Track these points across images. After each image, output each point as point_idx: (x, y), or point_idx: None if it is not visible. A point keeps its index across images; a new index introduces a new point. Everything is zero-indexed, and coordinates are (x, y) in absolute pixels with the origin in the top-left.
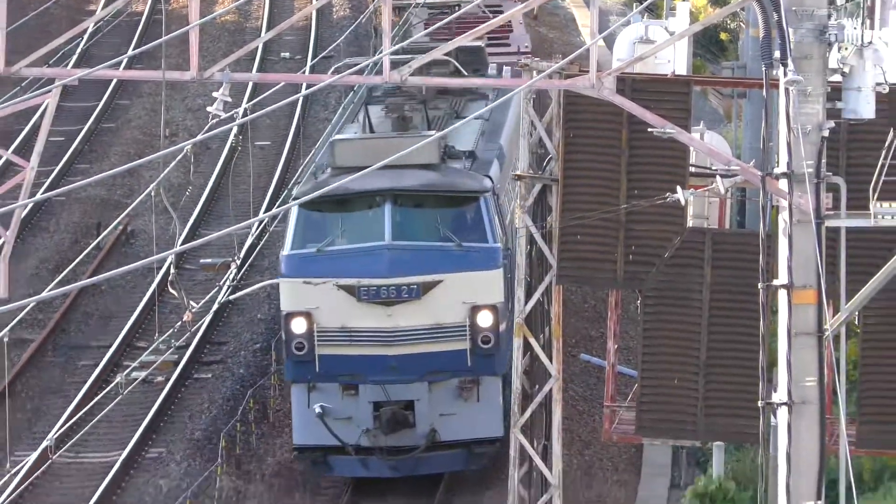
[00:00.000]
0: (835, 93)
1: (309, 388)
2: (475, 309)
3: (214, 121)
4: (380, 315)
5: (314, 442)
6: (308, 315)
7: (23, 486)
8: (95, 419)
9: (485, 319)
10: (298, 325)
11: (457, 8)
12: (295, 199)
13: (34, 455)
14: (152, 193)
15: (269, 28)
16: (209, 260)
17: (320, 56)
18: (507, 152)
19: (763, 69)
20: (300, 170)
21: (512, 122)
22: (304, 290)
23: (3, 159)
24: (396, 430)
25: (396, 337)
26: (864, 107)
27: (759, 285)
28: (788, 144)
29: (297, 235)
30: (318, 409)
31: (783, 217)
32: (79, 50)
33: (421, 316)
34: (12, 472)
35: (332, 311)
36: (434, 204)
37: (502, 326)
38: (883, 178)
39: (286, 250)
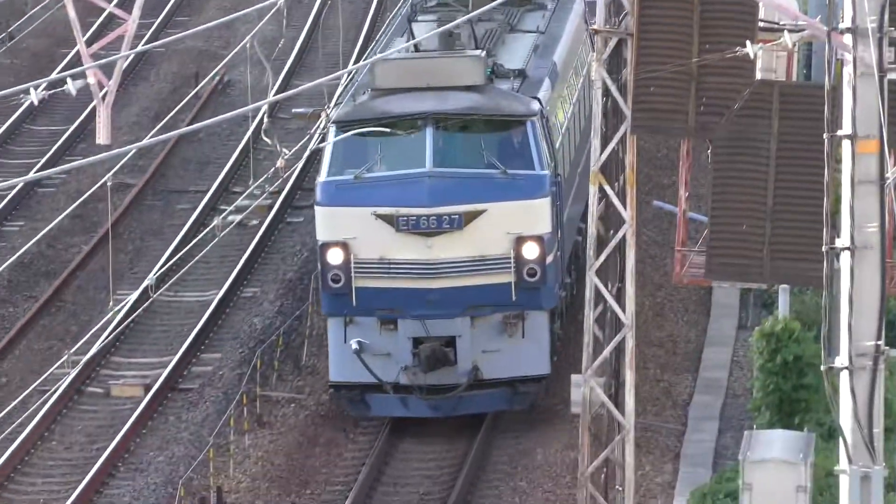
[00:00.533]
0: None
1: (346, 322)
2: (521, 240)
3: None
4: (420, 246)
5: (351, 379)
6: (345, 245)
7: (124, 324)
8: (193, 260)
9: (531, 251)
10: (335, 256)
11: None
12: (332, 122)
13: (135, 294)
14: (247, 45)
15: None
16: (301, 109)
17: None
18: (560, 69)
19: None
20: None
21: (570, 33)
22: (340, 219)
23: (106, 13)
24: (437, 367)
25: (437, 269)
26: None
27: (824, 135)
28: (853, 0)
29: (334, 161)
30: (354, 345)
31: (847, 70)
32: None
33: (463, 247)
34: (115, 309)
35: (369, 242)
36: (478, 128)
37: (549, 258)
38: None
39: (322, 176)
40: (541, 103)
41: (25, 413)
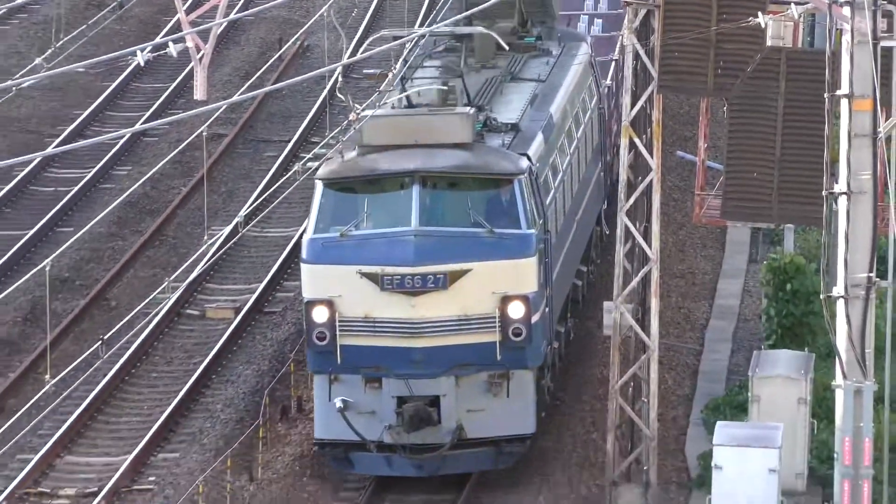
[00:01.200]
0: None
1: (331, 379)
2: (506, 299)
3: None
4: (405, 305)
5: (335, 436)
6: (330, 303)
7: (218, 255)
8: (277, 200)
9: (516, 310)
10: (320, 314)
11: None
12: (319, 178)
13: (227, 229)
14: (325, 14)
15: None
16: (371, 70)
17: None
18: (557, 120)
19: None
20: None
21: (571, 80)
22: (326, 277)
23: None
24: (420, 427)
25: (421, 328)
26: None
27: (825, 95)
28: None
29: (321, 218)
30: (339, 403)
31: (846, 38)
32: None
33: (448, 306)
34: (209, 242)
35: (354, 300)
36: (465, 187)
37: (535, 317)
38: None
39: (309, 233)
40: (530, 160)
41: (132, 331)
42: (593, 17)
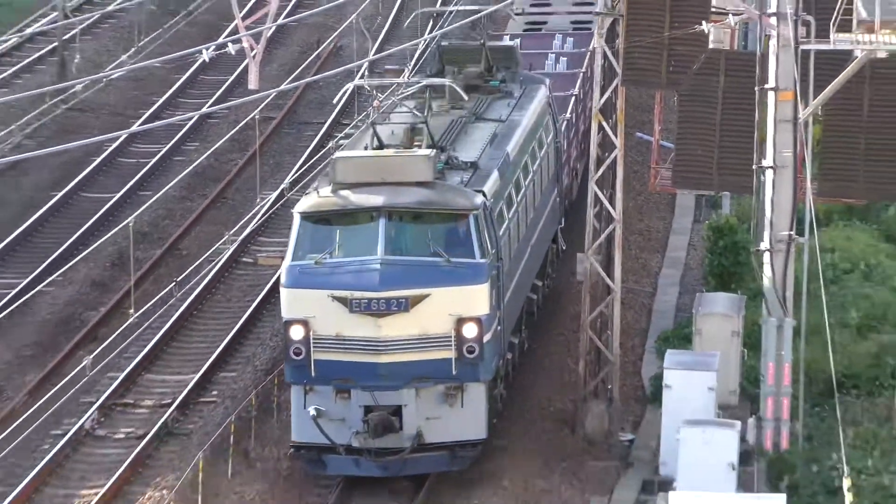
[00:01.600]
0: None
1: (306, 390)
2: (461, 321)
3: None
4: (370, 325)
5: (309, 440)
6: (305, 323)
7: (267, 214)
8: (315, 170)
9: (470, 331)
10: (297, 332)
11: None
12: (298, 212)
13: (274, 194)
14: (354, 21)
15: None
16: (391, 66)
17: None
18: (514, 157)
19: None
20: None
21: (529, 120)
22: (302, 300)
23: None
24: (384, 433)
25: (385, 346)
26: None
27: (756, 88)
28: None
29: (298, 247)
30: (312, 411)
31: (773, 42)
32: None
33: (409, 327)
34: (260, 204)
35: (327, 320)
36: (425, 220)
37: (486, 336)
38: (840, 16)
39: (288, 261)
40: (485, 196)
41: (199, 275)
42: (559, 56)
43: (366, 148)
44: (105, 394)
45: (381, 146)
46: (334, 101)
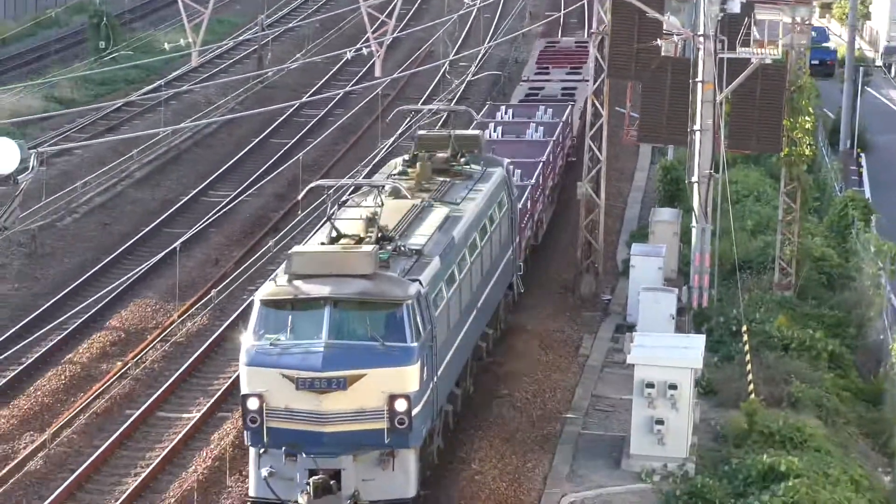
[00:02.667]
0: None
1: (260, 453)
2: (393, 397)
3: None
4: (314, 400)
5: (263, 496)
6: (260, 396)
7: (383, 153)
8: (415, 127)
9: (400, 405)
10: (253, 403)
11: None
12: (258, 298)
13: (389, 141)
14: (440, 36)
15: None
16: (462, 63)
17: None
18: (459, 240)
19: None
20: None
21: (482, 201)
22: (258, 376)
23: (379, 21)
24: (325, 494)
25: (327, 418)
26: None
27: (690, 80)
28: (703, 20)
29: (257, 328)
30: (265, 472)
31: (701, 52)
32: None
33: (347, 402)
34: (380, 147)
35: (278, 394)
36: (365, 309)
37: (416, 409)
38: (742, 37)
39: (248, 341)
40: (422, 284)
41: (345, 190)
42: (537, 125)
43: (327, 237)
44: (282, 264)
45: (339, 237)
46: (299, 199)
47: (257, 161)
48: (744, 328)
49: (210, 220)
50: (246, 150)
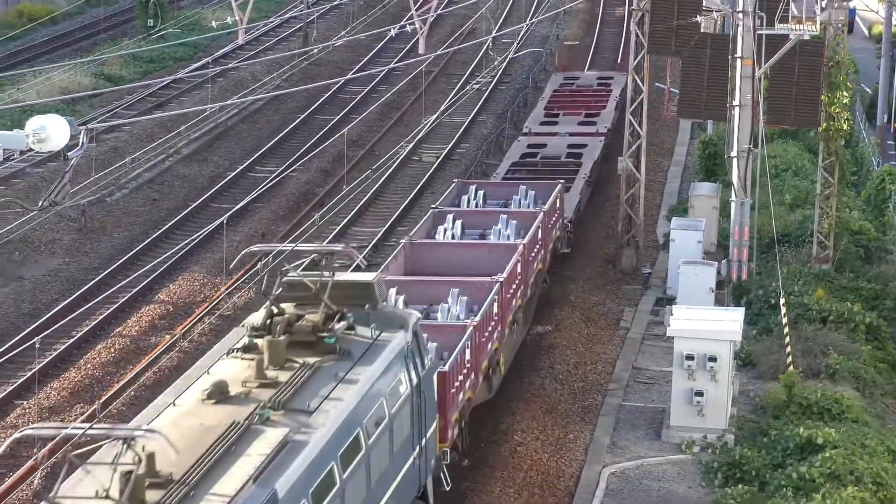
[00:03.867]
0: None
1: None
2: None
3: None
4: None
5: None
6: None
7: (427, 128)
8: (462, 100)
9: None
10: None
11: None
12: None
13: (433, 117)
14: (483, 13)
15: None
16: (506, 39)
17: None
18: (290, 490)
19: None
20: None
21: (358, 395)
22: None
23: None
24: None
25: None
26: None
27: (730, 56)
28: None
29: None
30: None
31: (740, 28)
32: None
33: None
34: (424, 123)
35: None
36: None
37: None
38: (781, 13)
39: None
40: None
41: (388, 166)
42: (508, 219)
43: None
44: (328, 238)
45: None
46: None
47: (303, 137)
48: (782, 301)
49: (256, 195)
50: (292, 126)
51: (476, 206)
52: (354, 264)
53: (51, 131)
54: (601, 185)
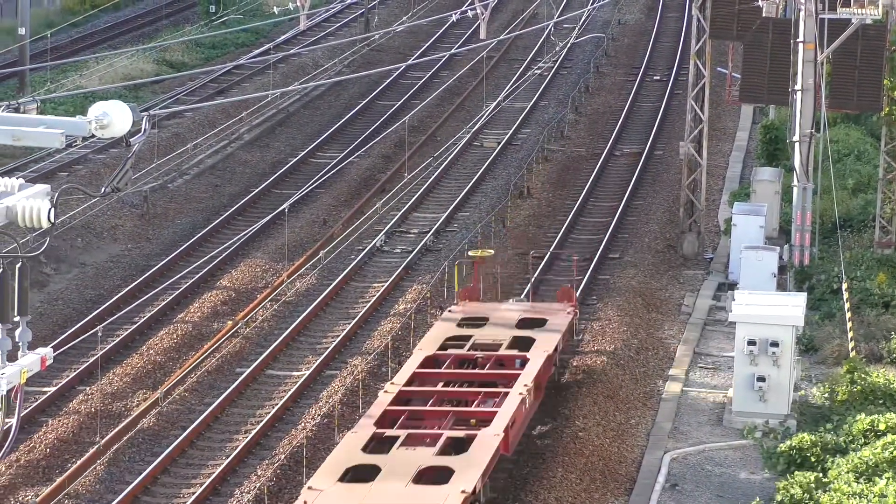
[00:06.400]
0: None
1: None
2: None
3: None
4: None
5: None
6: None
7: (489, 114)
8: (521, 88)
9: None
10: None
11: None
12: None
13: (494, 103)
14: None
15: None
16: (567, 25)
17: None
18: None
19: None
20: None
21: None
22: None
23: None
24: None
25: None
26: None
27: (791, 41)
28: None
29: None
30: None
31: (801, 13)
32: None
33: None
34: (486, 111)
35: None
36: None
37: None
38: None
39: None
40: None
41: (448, 153)
42: None
43: None
44: (389, 224)
45: None
46: None
47: (364, 123)
48: (844, 286)
49: (318, 182)
50: (353, 112)
51: None
52: None
53: (113, 117)
54: None
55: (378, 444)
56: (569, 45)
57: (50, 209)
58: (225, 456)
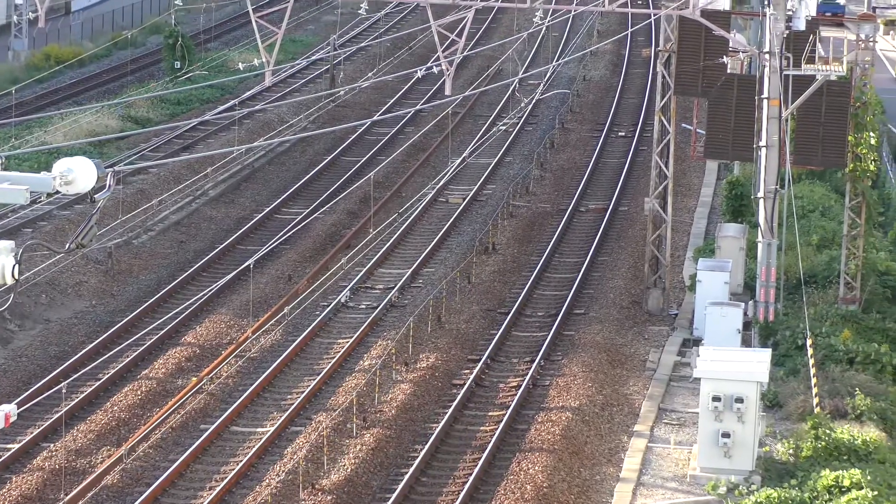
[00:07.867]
0: None
1: None
2: None
3: None
4: None
5: None
6: None
7: (454, 171)
8: (484, 146)
9: None
10: None
11: None
12: None
13: (458, 159)
14: (510, 55)
15: None
16: (532, 81)
17: None
18: None
19: None
20: None
21: None
22: None
23: (448, 41)
24: None
25: None
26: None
27: (756, 97)
28: (769, 38)
29: None
30: None
31: (766, 69)
32: None
33: None
34: (451, 166)
35: None
36: None
37: None
38: (807, 54)
39: None
40: None
41: (416, 208)
42: None
43: None
44: (354, 280)
45: None
46: None
47: (330, 179)
48: (809, 342)
49: (283, 238)
50: (318, 167)
51: None
52: None
53: (78, 173)
54: None
55: None
56: (534, 100)
57: (14, 265)
58: None
